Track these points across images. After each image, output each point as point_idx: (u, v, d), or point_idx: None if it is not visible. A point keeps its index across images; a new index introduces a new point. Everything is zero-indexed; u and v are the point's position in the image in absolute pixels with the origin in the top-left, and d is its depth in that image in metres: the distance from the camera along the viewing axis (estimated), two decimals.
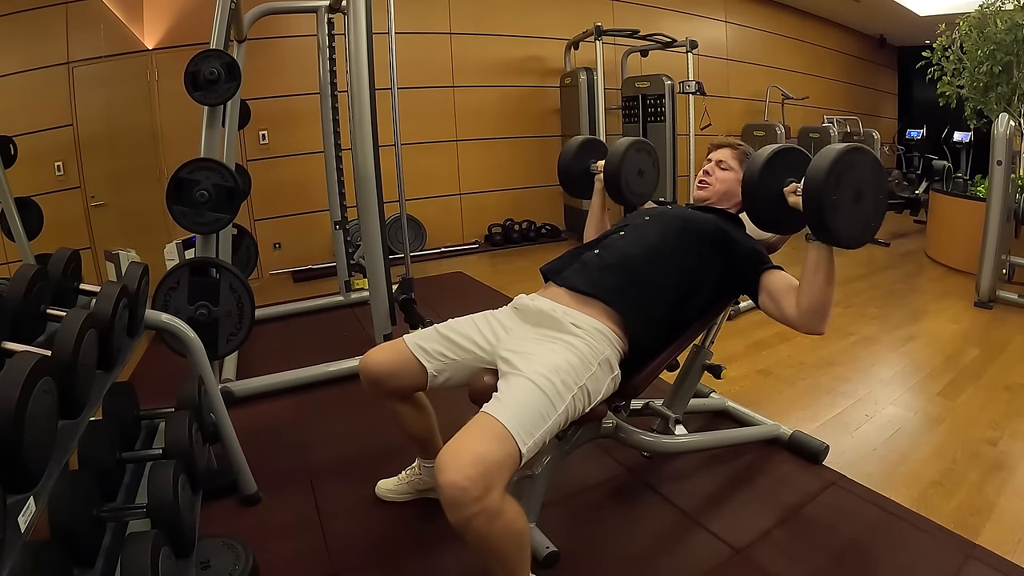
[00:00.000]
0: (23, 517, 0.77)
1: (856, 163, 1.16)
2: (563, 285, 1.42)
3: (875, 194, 1.20)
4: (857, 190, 1.17)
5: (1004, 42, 4.33)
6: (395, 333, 2.19)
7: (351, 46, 2.20)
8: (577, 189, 1.91)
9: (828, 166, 1.14)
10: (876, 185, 1.20)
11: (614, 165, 1.71)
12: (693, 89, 4.56)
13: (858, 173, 1.17)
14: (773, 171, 1.30)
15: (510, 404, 1.10)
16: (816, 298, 1.27)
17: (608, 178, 1.74)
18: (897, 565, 1.41)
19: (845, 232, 1.18)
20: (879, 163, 1.22)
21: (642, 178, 1.77)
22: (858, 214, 1.19)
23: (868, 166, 1.19)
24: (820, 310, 1.28)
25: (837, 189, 1.14)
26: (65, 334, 1.01)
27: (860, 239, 1.21)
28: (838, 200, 1.15)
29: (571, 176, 1.88)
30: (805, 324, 1.31)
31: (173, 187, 2.04)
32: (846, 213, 1.17)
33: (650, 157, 1.79)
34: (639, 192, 1.78)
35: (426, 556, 1.49)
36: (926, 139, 7.86)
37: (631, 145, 1.72)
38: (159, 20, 4.21)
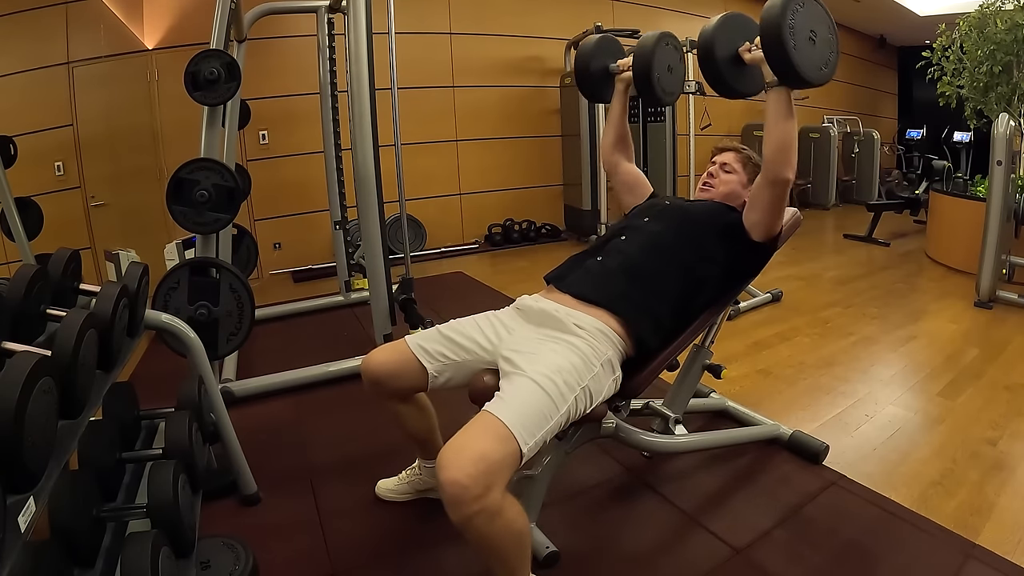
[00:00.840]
0: (23, 517, 0.77)
1: (807, 4, 1.27)
2: (568, 292, 1.42)
3: (827, 34, 1.31)
4: (811, 29, 1.27)
5: (1004, 42, 4.33)
6: (395, 333, 2.19)
7: (351, 46, 2.20)
8: (596, 91, 1.80)
9: (781, 4, 1.24)
10: (827, 27, 1.31)
11: (645, 59, 1.57)
12: (693, 89, 4.56)
13: (810, 15, 1.27)
14: (725, 34, 1.39)
15: (512, 403, 1.11)
16: (780, 138, 1.35)
17: (638, 72, 1.61)
18: (897, 565, 1.41)
19: (803, 65, 1.27)
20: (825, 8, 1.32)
21: (671, 75, 1.65)
22: (814, 53, 1.28)
23: (819, 11, 1.30)
24: (786, 150, 1.36)
25: (793, 25, 1.24)
26: (65, 334, 1.01)
27: (817, 77, 1.30)
28: (795, 34, 1.24)
29: (590, 77, 1.76)
30: (774, 167, 1.38)
31: (173, 187, 2.04)
32: (802, 49, 1.26)
33: (677, 52, 1.67)
34: (670, 90, 1.65)
35: (426, 556, 1.49)
36: (926, 139, 7.87)
37: (660, 37, 1.60)
38: (159, 20, 4.21)
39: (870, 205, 5.63)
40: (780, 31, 1.23)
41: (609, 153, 1.83)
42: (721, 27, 1.39)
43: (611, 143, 1.82)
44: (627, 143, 1.82)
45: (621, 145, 1.82)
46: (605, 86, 1.77)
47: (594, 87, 1.78)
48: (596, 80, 1.77)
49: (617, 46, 1.81)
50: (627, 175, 1.82)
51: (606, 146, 1.83)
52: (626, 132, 1.82)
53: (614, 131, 1.80)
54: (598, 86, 1.78)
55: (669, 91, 1.64)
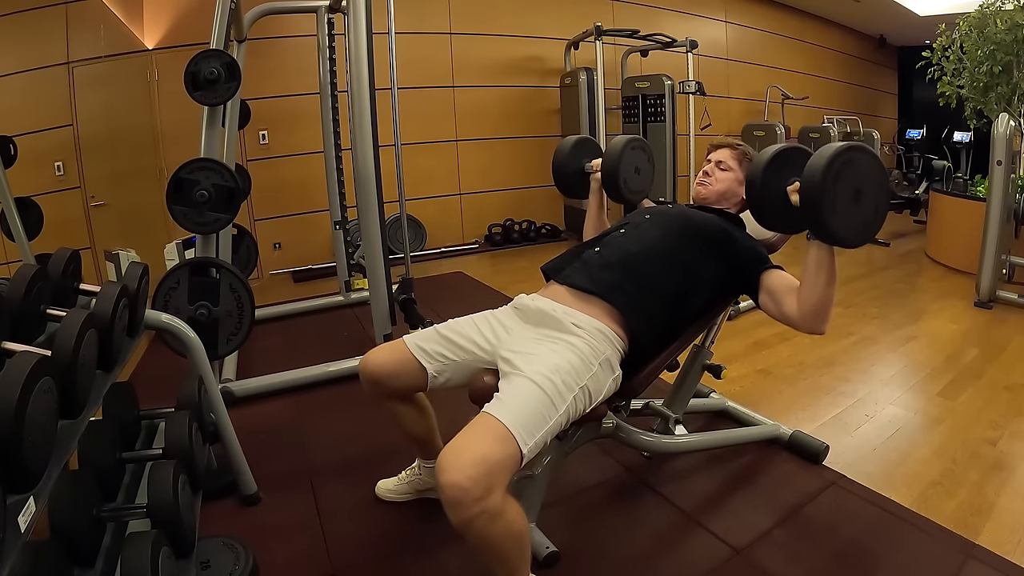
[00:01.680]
0: (23, 517, 0.77)
1: (855, 161, 1.15)
2: (564, 283, 1.42)
3: (875, 194, 1.19)
4: (856, 189, 1.16)
5: (1004, 42, 4.33)
6: (395, 333, 2.19)
7: (351, 46, 2.20)
8: (573, 190, 1.89)
9: (825, 163, 1.13)
10: (876, 184, 1.19)
11: (612, 164, 1.70)
12: (693, 89, 4.56)
13: (857, 171, 1.15)
14: (776, 170, 1.29)
15: (511, 404, 1.10)
16: (817, 298, 1.27)
17: (606, 177, 1.73)
18: (897, 565, 1.41)
19: (843, 231, 1.17)
20: (879, 162, 1.21)
21: (639, 176, 1.76)
22: (857, 213, 1.17)
23: (868, 165, 1.17)
24: (821, 310, 1.28)
25: (835, 187, 1.13)
26: (65, 334, 1.01)
27: (859, 239, 1.20)
28: (836, 199, 1.14)
29: (566, 177, 1.86)
30: (806, 324, 1.31)
31: (173, 187, 2.04)
32: (844, 212, 1.16)
33: (645, 154, 1.78)
34: (637, 190, 1.77)
35: (426, 556, 1.49)
36: (926, 139, 7.87)
37: (627, 143, 1.71)
38: (159, 20, 4.21)
39: None
40: (820, 196, 1.13)
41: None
42: (772, 161, 1.29)
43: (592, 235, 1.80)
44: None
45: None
46: (581, 184, 1.87)
47: (571, 185, 1.88)
48: (572, 179, 1.87)
49: (593, 145, 1.91)
50: None
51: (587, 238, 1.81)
52: (604, 223, 1.86)
53: (593, 226, 1.86)
54: (574, 184, 1.88)
55: (635, 191, 1.77)
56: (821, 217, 1.15)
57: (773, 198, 1.29)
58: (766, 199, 1.30)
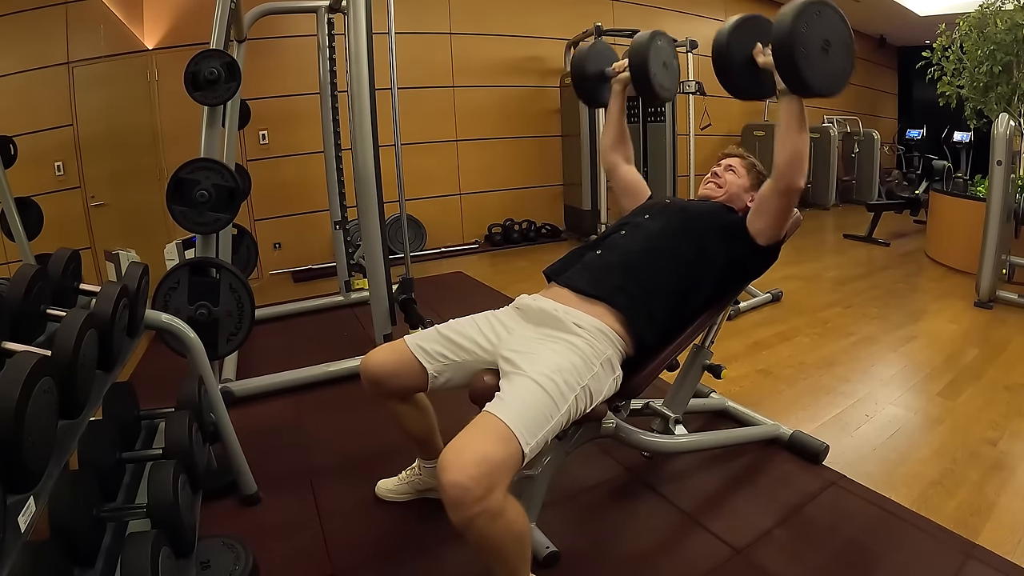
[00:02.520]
0: (23, 517, 0.77)
1: (823, 14, 1.23)
2: (566, 286, 1.43)
3: (843, 45, 1.26)
4: (824, 39, 1.24)
5: (1004, 42, 4.33)
6: (395, 333, 2.19)
7: (351, 46, 2.20)
8: (594, 95, 1.83)
9: (794, 13, 1.20)
10: (843, 36, 1.27)
11: (641, 56, 1.62)
12: (693, 89, 4.56)
13: (824, 23, 1.23)
14: (740, 36, 1.36)
15: (513, 404, 1.10)
16: (792, 148, 1.33)
17: (636, 70, 1.64)
18: (897, 565, 1.41)
19: (815, 79, 1.23)
20: (845, 19, 1.28)
21: (667, 71, 1.70)
22: (827, 63, 1.25)
23: (833, 17, 1.26)
24: (798, 161, 1.34)
25: (805, 37, 1.20)
26: (65, 334, 1.01)
27: (829, 88, 1.27)
28: (807, 48, 1.21)
29: (587, 81, 1.79)
30: (785, 178, 1.37)
31: (173, 187, 2.04)
32: (815, 61, 1.23)
33: (671, 48, 1.72)
34: (667, 86, 1.70)
35: (426, 556, 1.49)
36: (926, 139, 7.87)
37: (654, 35, 1.65)
38: (159, 20, 4.21)
39: (870, 205, 5.63)
40: (791, 42, 1.20)
41: (609, 153, 1.85)
42: (736, 29, 1.36)
43: (610, 143, 1.83)
44: (626, 143, 1.84)
45: (620, 145, 1.83)
46: (602, 90, 1.80)
47: (592, 91, 1.82)
48: (593, 84, 1.80)
49: (610, 51, 1.84)
50: (626, 177, 1.83)
51: (606, 146, 1.85)
52: (625, 132, 1.83)
53: (613, 131, 1.81)
54: (595, 90, 1.81)
55: (666, 87, 1.69)
56: (793, 63, 1.22)
57: (740, 63, 1.37)
58: (734, 66, 1.37)
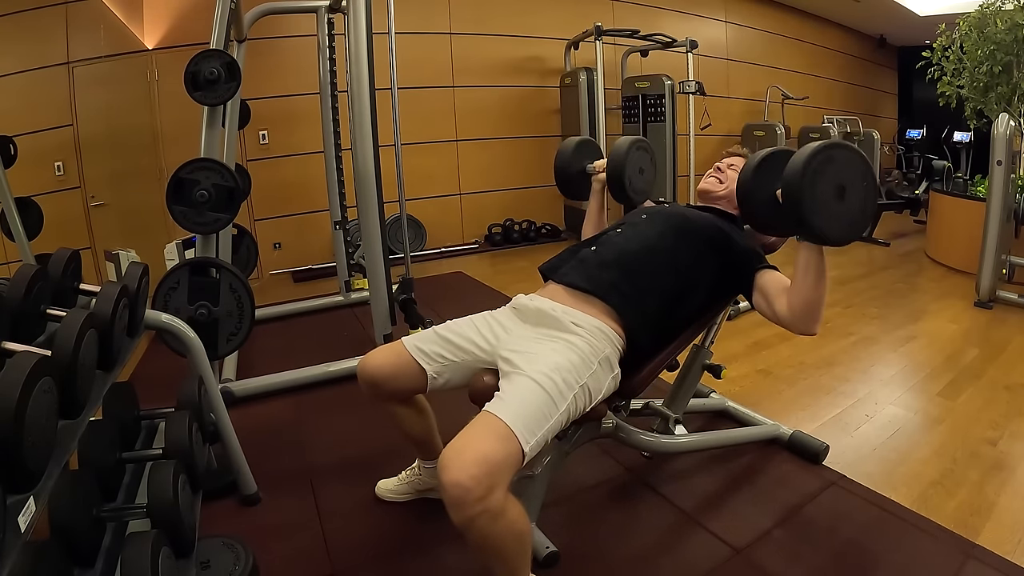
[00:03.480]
0: (23, 517, 0.77)
1: (836, 158, 1.14)
2: (561, 282, 1.43)
3: (861, 189, 1.17)
4: (839, 186, 1.14)
5: (1004, 42, 4.33)
6: (395, 333, 2.19)
7: (351, 46, 2.20)
8: (574, 191, 1.90)
9: (803, 162, 1.12)
10: (861, 179, 1.17)
11: (617, 164, 1.70)
12: (693, 89, 4.56)
13: (839, 168, 1.14)
14: (765, 174, 1.28)
15: (513, 403, 1.10)
16: (807, 297, 1.27)
17: (611, 178, 1.73)
18: (897, 565, 1.41)
19: (828, 230, 1.16)
20: (863, 157, 1.18)
21: (643, 176, 1.77)
22: (843, 211, 1.16)
23: (849, 160, 1.15)
24: (812, 310, 1.28)
25: (814, 186, 1.12)
26: (65, 334, 1.01)
27: (846, 236, 1.19)
28: (817, 197, 1.13)
29: (568, 178, 1.86)
30: (797, 324, 1.31)
31: (173, 187, 2.04)
32: (827, 210, 1.14)
33: (648, 154, 1.79)
34: (640, 190, 1.77)
35: (426, 556, 1.49)
36: (926, 139, 7.87)
37: (632, 144, 1.72)
38: (159, 20, 4.21)
39: None
40: (799, 198, 1.13)
41: None
42: (760, 167, 1.29)
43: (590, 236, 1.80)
44: None
45: None
46: (583, 185, 1.87)
47: (572, 187, 1.89)
48: (574, 180, 1.87)
49: (594, 147, 1.92)
50: None
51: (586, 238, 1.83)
52: (604, 224, 1.86)
53: (593, 228, 1.85)
54: (576, 186, 1.88)
55: (640, 191, 1.78)
56: (803, 217, 1.14)
57: (763, 202, 1.28)
58: (756, 203, 1.30)
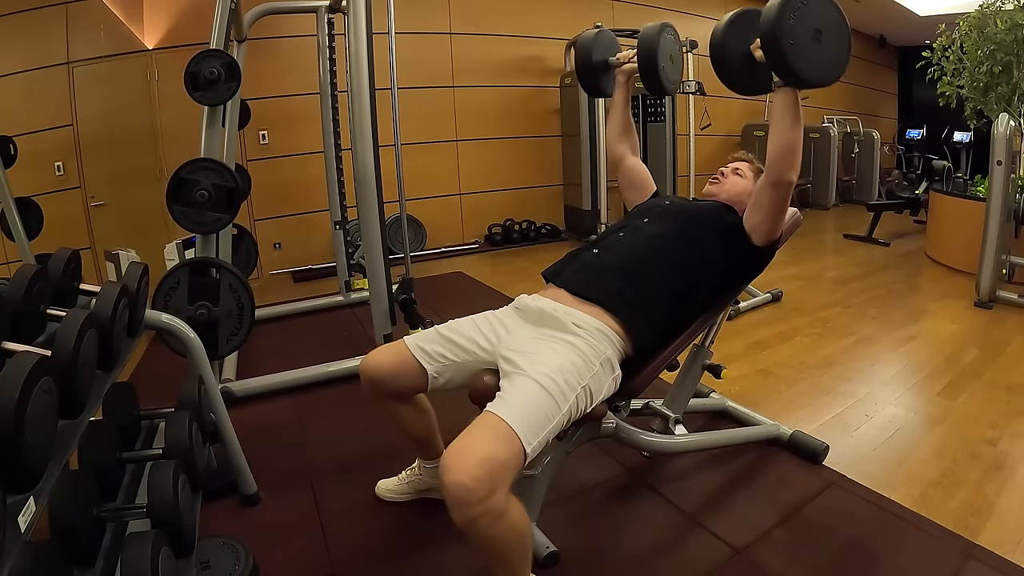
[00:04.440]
0: (23, 517, 0.77)
1: (811, 2, 1.20)
2: (563, 287, 1.42)
3: (835, 32, 1.24)
4: (815, 28, 1.21)
5: (1004, 42, 4.33)
6: (395, 333, 2.19)
7: (351, 46, 2.20)
8: (598, 84, 1.80)
9: (780, 3, 1.18)
10: (836, 26, 1.24)
11: (650, 49, 1.59)
12: (693, 89, 4.56)
13: (813, 12, 1.21)
14: (736, 32, 1.34)
15: (515, 404, 1.10)
16: (784, 140, 1.34)
17: (644, 64, 1.63)
18: (897, 565, 1.41)
19: (806, 69, 1.22)
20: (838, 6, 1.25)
21: (673, 64, 1.69)
22: (818, 52, 1.22)
23: (824, 6, 1.23)
24: (789, 153, 1.35)
25: (793, 26, 1.18)
26: (65, 334, 1.01)
27: (820, 76, 1.25)
28: (796, 38, 1.19)
29: (591, 72, 1.77)
30: (776, 170, 1.36)
31: (173, 187, 2.04)
32: (805, 51, 1.21)
33: (678, 42, 1.71)
34: (673, 79, 1.69)
35: (426, 556, 1.49)
36: (926, 139, 7.88)
37: (663, 28, 1.64)
38: (159, 20, 4.21)
39: (870, 205, 5.63)
40: (777, 34, 1.19)
41: (615, 144, 1.83)
42: (732, 25, 1.35)
43: (616, 133, 1.82)
44: (631, 134, 1.83)
45: (626, 136, 1.82)
46: (606, 79, 1.78)
47: (595, 80, 1.79)
48: (597, 73, 1.77)
49: (614, 40, 1.82)
50: (631, 170, 1.82)
51: (611, 137, 1.83)
52: (630, 122, 1.82)
53: (619, 121, 1.80)
54: (599, 79, 1.78)
55: (672, 80, 1.68)
56: (781, 56, 1.20)
57: (738, 59, 1.35)
58: (731, 61, 1.35)
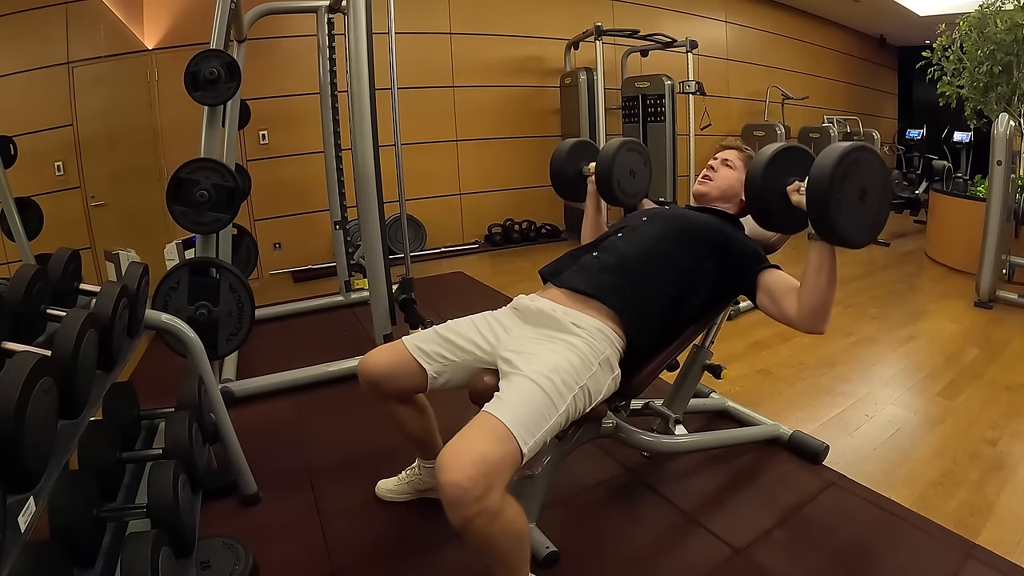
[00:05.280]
0: (23, 517, 0.77)
1: (862, 161, 1.14)
2: (562, 286, 1.42)
3: (880, 193, 1.19)
4: (862, 189, 1.15)
5: (1004, 42, 4.33)
6: (395, 333, 2.19)
7: (351, 46, 2.20)
8: (571, 192, 1.88)
9: (834, 163, 1.12)
10: (881, 184, 1.19)
11: (605, 168, 1.69)
12: (693, 89, 4.56)
13: (863, 171, 1.15)
14: (776, 169, 1.28)
15: (512, 404, 1.10)
16: (818, 299, 1.26)
17: (600, 181, 1.72)
18: (897, 565, 1.41)
19: (849, 231, 1.16)
20: (883, 161, 1.21)
21: (634, 178, 1.75)
22: (863, 213, 1.17)
23: (873, 164, 1.17)
24: (822, 311, 1.27)
25: (842, 187, 1.13)
26: (65, 334, 1.01)
27: (864, 239, 1.19)
28: (843, 199, 1.13)
29: (564, 180, 1.85)
30: (805, 324, 1.30)
31: (173, 187, 2.04)
32: (850, 212, 1.15)
33: (641, 156, 1.77)
34: (632, 193, 1.76)
35: (426, 556, 1.49)
36: (926, 139, 7.87)
37: (621, 146, 1.70)
38: (159, 20, 4.21)
39: None
40: (827, 197, 1.12)
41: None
42: (774, 160, 1.28)
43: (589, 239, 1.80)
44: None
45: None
46: (579, 186, 1.86)
47: (568, 188, 1.87)
48: (570, 182, 1.86)
49: (591, 148, 1.90)
50: None
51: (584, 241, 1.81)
52: (602, 227, 1.85)
53: (591, 230, 1.84)
54: (572, 187, 1.87)
55: (631, 193, 1.76)
56: (829, 217, 1.14)
57: (773, 197, 1.28)
58: (766, 198, 1.29)
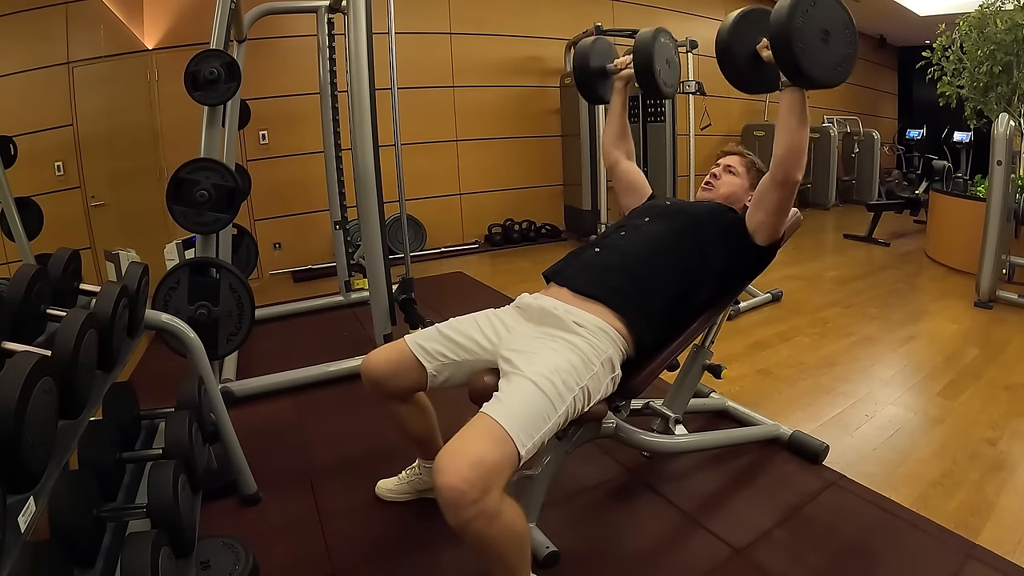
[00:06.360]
0: (23, 517, 0.77)
1: (820, 3, 1.22)
2: (565, 285, 1.43)
3: (842, 33, 1.25)
4: (824, 30, 1.23)
5: (1004, 42, 4.33)
6: (395, 333, 2.19)
7: (351, 46, 2.20)
8: (596, 91, 1.83)
9: (789, 4, 1.20)
10: (843, 27, 1.26)
11: (646, 54, 1.63)
12: (693, 89, 4.56)
13: (821, 12, 1.22)
14: (744, 30, 1.35)
15: (510, 405, 1.10)
16: (790, 139, 1.34)
17: (640, 67, 1.65)
18: (897, 565, 1.41)
19: (813, 68, 1.23)
20: (845, 7, 1.27)
21: (670, 68, 1.72)
22: (827, 53, 1.25)
23: (832, 7, 1.25)
24: (796, 153, 1.35)
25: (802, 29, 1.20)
26: (65, 334, 1.01)
27: (831, 77, 1.26)
28: (804, 35, 1.21)
29: (588, 76, 1.79)
30: (782, 170, 1.38)
31: (173, 187, 2.04)
32: (813, 51, 1.23)
33: (673, 45, 1.74)
34: (670, 83, 1.71)
35: (426, 556, 1.49)
36: (926, 139, 7.87)
37: (657, 32, 1.66)
38: (159, 20, 4.21)
39: (870, 205, 5.63)
40: (787, 34, 1.20)
41: (610, 149, 1.86)
42: (739, 24, 1.36)
43: (612, 139, 1.84)
44: (627, 139, 1.85)
45: (622, 141, 1.84)
46: (604, 86, 1.81)
47: (593, 87, 1.82)
48: (595, 80, 1.80)
49: (611, 47, 1.85)
50: (627, 173, 1.84)
51: (607, 142, 1.86)
52: (626, 128, 1.85)
53: (615, 127, 1.83)
54: (597, 86, 1.81)
55: (669, 83, 1.71)
56: (793, 55, 1.21)
57: (745, 59, 1.36)
58: (739, 60, 1.36)
